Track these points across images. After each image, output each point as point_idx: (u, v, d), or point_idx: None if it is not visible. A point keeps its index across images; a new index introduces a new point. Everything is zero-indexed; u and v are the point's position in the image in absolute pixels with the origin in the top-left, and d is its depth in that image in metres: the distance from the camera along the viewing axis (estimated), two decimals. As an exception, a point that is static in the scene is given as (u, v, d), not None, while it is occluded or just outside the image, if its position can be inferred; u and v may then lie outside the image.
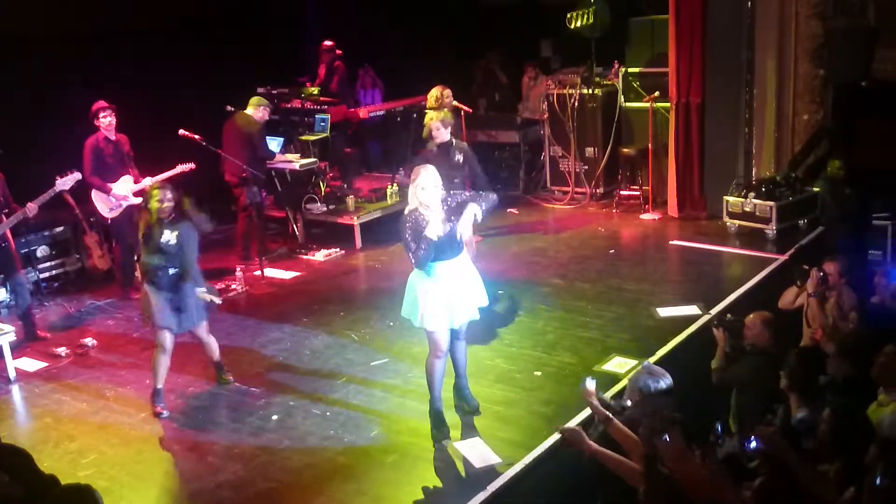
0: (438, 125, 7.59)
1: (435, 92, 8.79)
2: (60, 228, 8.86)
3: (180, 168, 8.18)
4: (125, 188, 8.08)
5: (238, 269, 8.68)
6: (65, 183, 7.39)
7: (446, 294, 5.43)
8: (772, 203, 8.99)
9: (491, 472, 5.22)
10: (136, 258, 8.53)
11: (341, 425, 5.88)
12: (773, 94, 9.48)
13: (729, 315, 5.91)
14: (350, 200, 10.00)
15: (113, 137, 8.04)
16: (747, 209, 9.18)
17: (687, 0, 9.53)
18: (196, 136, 8.36)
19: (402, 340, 7.09)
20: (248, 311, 7.99)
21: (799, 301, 6.46)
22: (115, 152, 8.05)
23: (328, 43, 11.37)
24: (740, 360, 5.64)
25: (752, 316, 5.62)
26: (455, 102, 9.23)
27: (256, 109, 9.08)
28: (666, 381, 4.79)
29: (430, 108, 8.75)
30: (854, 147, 9.17)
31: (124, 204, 8.09)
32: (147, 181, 7.89)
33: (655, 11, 10.28)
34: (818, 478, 3.67)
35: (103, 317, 8.06)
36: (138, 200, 7.89)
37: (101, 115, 7.93)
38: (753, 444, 4.29)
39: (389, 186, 10.28)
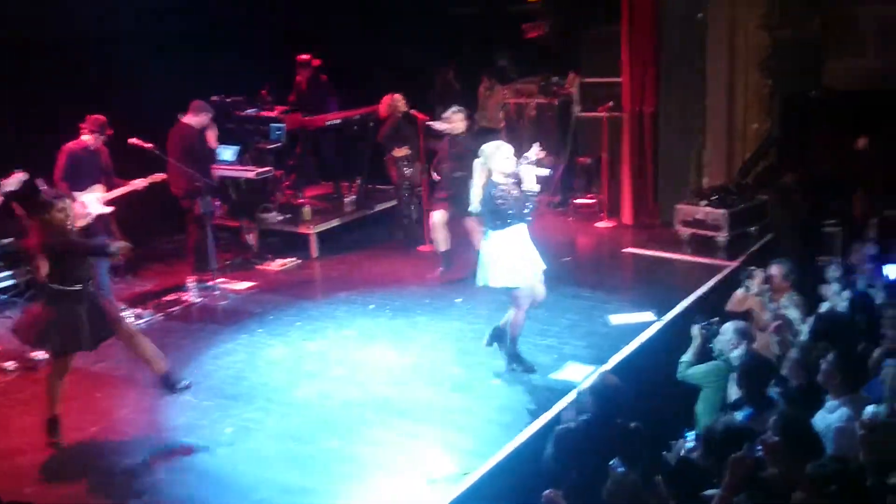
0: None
1: (387, 98, 8.82)
2: (9, 239, 8.63)
3: (151, 178, 8.03)
4: (92, 197, 7.91)
5: (190, 280, 8.56)
6: (9, 184, 7.08)
7: (526, 252, 6.16)
8: (723, 211, 9.13)
9: (449, 482, 5.21)
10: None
11: (298, 437, 5.83)
12: (724, 104, 9.65)
13: (716, 318, 6.00)
14: (306, 209, 9.93)
15: (93, 148, 7.95)
16: (699, 217, 9.31)
17: (640, 11, 9.68)
18: (148, 145, 8.16)
19: (360, 350, 7.07)
20: (201, 323, 7.89)
21: (747, 304, 6.58)
22: (91, 162, 7.95)
23: (304, 56, 11.14)
24: (706, 362, 5.74)
25: (728, 323, 5.72)
26: (412, 111, 9.26)
27: (195, 115, 8.80)
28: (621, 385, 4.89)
29: (383, 114, 8.79)
30: (803, 155, 9.36)
31: (90, 212, 7.93)
32: (120, 191, 7.83)
33: (610, 22, 10.40)
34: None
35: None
36: (108, 210, 7.77)
37: (106, 132, 7.88)
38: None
39: (346, 195, 10.24)
